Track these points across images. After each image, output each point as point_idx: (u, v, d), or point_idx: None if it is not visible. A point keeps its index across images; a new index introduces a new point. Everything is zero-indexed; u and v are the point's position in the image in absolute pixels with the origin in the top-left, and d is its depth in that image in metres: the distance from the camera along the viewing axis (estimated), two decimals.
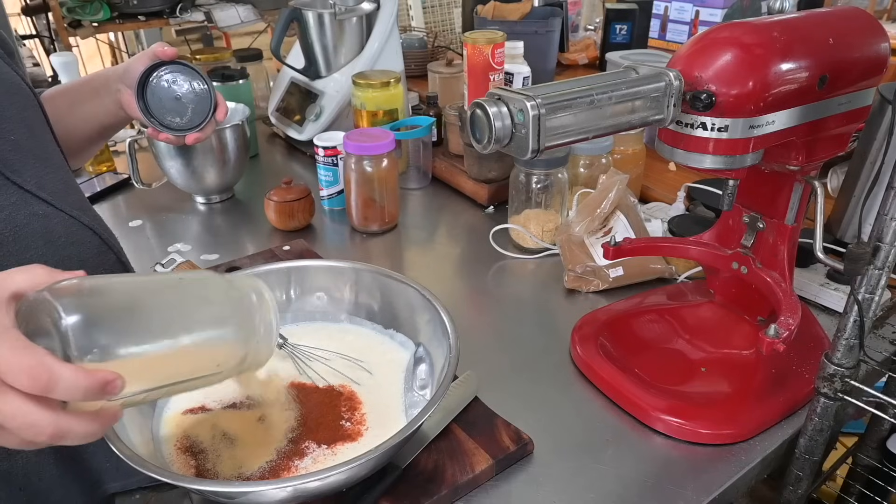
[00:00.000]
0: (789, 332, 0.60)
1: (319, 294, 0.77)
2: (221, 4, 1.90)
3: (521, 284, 0.95)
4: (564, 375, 0.76)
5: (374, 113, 1.19)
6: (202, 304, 0.50)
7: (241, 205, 1.22)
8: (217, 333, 0.50)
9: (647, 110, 0.56)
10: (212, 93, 0.86)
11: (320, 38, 1.30)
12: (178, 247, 1.06)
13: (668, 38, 1.69)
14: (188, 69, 0.85)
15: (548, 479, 0.62)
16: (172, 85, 0.85)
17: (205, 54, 1.54)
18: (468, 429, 0.65)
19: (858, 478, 1.08)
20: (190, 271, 0.85)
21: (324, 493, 0.54)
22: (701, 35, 0.58)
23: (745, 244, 0.74)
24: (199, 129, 0.87)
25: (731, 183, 0.67)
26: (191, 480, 0.55)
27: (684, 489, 0.61)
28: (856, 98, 0.63)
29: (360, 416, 0.64)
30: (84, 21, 1.74)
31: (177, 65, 0.84)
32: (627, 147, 1.07)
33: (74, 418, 0.41)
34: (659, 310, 0.83)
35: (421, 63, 1.67)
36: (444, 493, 0.58)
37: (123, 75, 0.83)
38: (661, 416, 0.67)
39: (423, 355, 0.69)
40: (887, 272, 0.54)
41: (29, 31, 2.36)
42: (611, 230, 0.93)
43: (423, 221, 1.14)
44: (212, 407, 0.65)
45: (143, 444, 0.58)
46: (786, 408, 0.69)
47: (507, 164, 1.08)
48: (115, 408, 0.44)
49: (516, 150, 0.52)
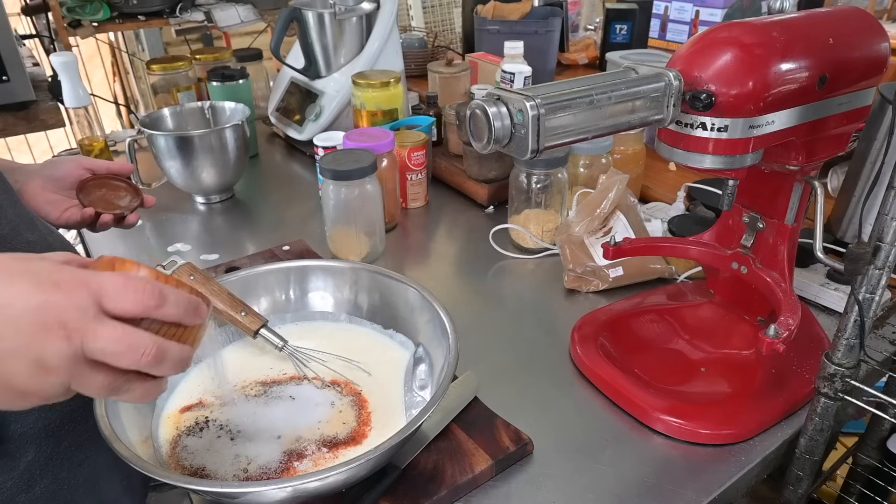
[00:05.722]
0: (789, 333, 0.60)
1: (319, 294, 0.77)
2: (221, 4, 1.90)
3: (520, 284, 0.95)
4: (564, 375, 0.76)
5: (373, 113, 1.19)
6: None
7: (241, 205, 1.22)
8: None
9: (646, 110, 0.56)
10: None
11: (320, 37, 1.30)
12: (177, 247, 1.06)
13: (668, 38, 1.69)
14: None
15: (547, 480, 0.62)
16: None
17: (205, 54, 1.54)
18: (468, 429, 0.65)
19: (859, 478, 1.08)
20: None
21: (323, 494, 0.54)
22: (701, 35, 0.58)
23: (745, 244, 0.74)
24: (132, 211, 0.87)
25: (731, 183, 0.67)
26: (191, 480, 0.55)
27: (684, 489, 0.61)
28: (856, 98, 0.63)
29: (367, 416, 0.64)
30: (84, 21, 1.74)
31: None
32: (627, 147, 1.07)
33: (168, 340, 0.41)
34: (659, 310, 0.83)
35: (421, 63, 1.67)
36: (443, 494, 0.58)
37: (42, 170, 0.80)
38: (660, 417, 0.67)
39: (422, 355, 0.69)
40: (887, 272, 0.54)
41: (29, 30, 2.35)
42: (611, 230, 0.93)
43: (423, 221, 1.14)
44: (209, 403, 0.65)
45: (143, 444, 0.58)
46: (786, 408, 0.69)
47: (507, 164, 1.08)
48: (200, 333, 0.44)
49: (516, 150, 0.52)
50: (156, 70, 1.43)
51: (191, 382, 0.69)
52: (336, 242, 0.98)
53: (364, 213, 0.95)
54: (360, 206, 0.95)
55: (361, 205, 0.95)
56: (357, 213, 0.95)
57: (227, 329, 0.73)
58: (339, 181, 0.92)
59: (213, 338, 0.73)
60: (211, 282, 0.69)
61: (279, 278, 0.76)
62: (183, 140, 1.11)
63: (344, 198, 0.94)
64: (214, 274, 0.74)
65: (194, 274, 0.69)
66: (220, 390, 0.67)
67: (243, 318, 0.68)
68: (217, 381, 0.67)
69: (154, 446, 0.60)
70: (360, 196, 0.94)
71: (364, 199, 0.94)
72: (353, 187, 0.93)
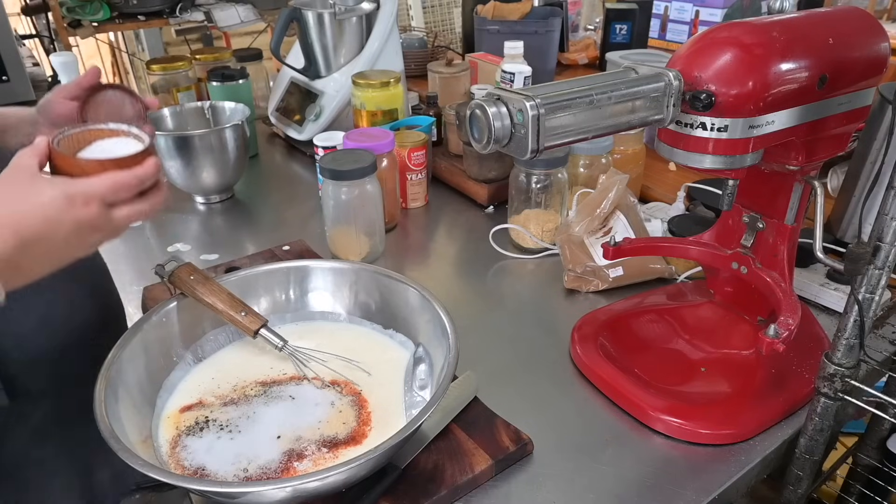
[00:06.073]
0: (789, 332, 0.60)
1: (319, 294, 0.77)
2: (221, 4, 1.90)
3: (520, 284, 0.95)
4: (564, 375, 0.76)
5: (373, 113, 1.19)
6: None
7: (241, 205, 1.22)
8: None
9: (646, 110, 0.56)
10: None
11: (320, 38, 1.30)
12: (177, 247, 1.06)
13: (668, 38, 1.69)
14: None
15: (547, 480, 0.62)
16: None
17: (205, 54, 1.54)
18: (468, 429, 0.65)
19: (859, 478, 1.08)
20: None
21: (323, 494, 0.54)
22: (701, 35, 0.58)
23: (745, 244, 0.74)
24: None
25: (731, 183, 0.67)
26: (191, 480, 0.55)
27: (684, 489, 0.61)
28: (856, 98, 0.63)
29: (367, 416, 0.64)
30: (84, 21, 1.74)
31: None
32: (627, 147, 1.07)
33: (149, 196, 0.58)
34: (659, 310, 0.83)
35: (421, 63, 1.67)
36: (443, 494, 0.58)
37: (40, 111, 0.75)
38: (660, 416, 0.67)
39: (422, 355, 0.69)
40: (887, 272, 0.54)
41: (29, 30, 2.36)
42: (611, 230, 0.93)
43: (423, 221, 1.14)
44: (209, 402, 0.65)
45: (143, 443, 0.58)
46: (786, 408, 0.69)
47: (507, 164, 1.08)
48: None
49: (516, 150, 0.52)
50: (156, 70, 1.43)
51: (191, 382, 0.69)
52: (336, 242, 0.98)
53: (364, 213, 0.95)
54: (359, 206, 0.95)
55: (361, 205, 0.95)
56: (357, 213, 0.95)
57: (228, 329, 0.73)
58: (339, 181, 0.92)
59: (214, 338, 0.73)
60: (211, 282, 0.69)
61: (279, 278, 0.76)
62: (183, 140, 1.11)
63: (344, 198, 0.94)
64: (214, 274, 0.73)
65: (194, 274, 0.69)
66: (220, 389, 0.67)
67: (243, 318, 0.68)
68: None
69: (154, 446, 0.60)
70: (360, 196, 0.94)
71: (364, 199, 0.94)
72: (353, 187, 0.93)
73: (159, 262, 0.70)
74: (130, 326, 0.66)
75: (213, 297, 0.68)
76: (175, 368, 0.69)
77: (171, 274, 0.69)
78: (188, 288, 0.68)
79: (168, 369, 0.68)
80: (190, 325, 0.71)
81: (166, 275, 0.69)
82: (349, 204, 0.94)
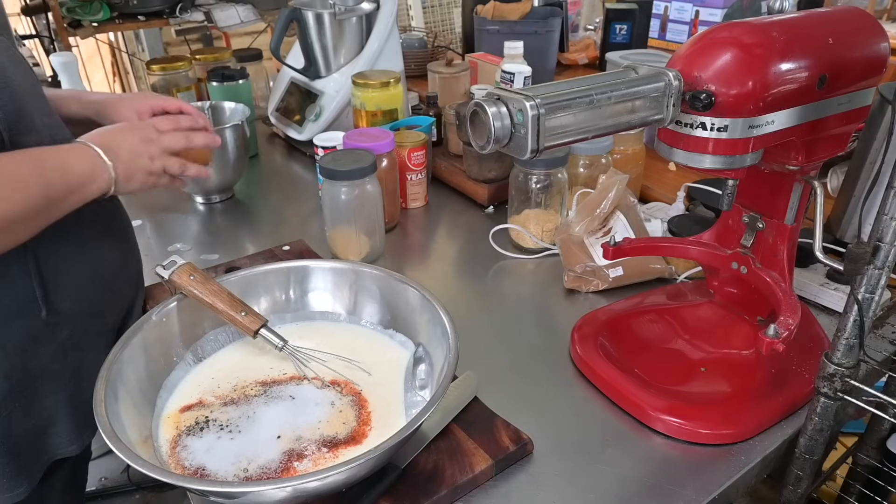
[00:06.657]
0: (789, 332, 0.60)
1: (319, 294, 0.77)
2: (221, 4, 1.90)
3: (520, 284, 0.95)
4: (564, 375, 0.76)
5: (373, 113, 1.19)
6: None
7: (241, 205, 1.22)
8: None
9: (646, 110, 0.56)
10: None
11: (320, 38, 1.30)
12: (177, 247, 1.06)
13: (667, 38, 1.69)
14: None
15: (547, 479, 0.62)
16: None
17: (205, 54, 1.54)
18: (468, 429, 0.65)
19: (858, 478, 1.08)
20: None
21: (323, 493, 0.54)
22: (700, 35, 0.58)
23: (745, 244, 0.74)
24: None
25: (731, 183, 0.67)
26: (191, 480, 0.56)
27: (684, 489, 0.61)
28: (855, 98, 0.63)
29: (367, 416, 0.64)
30: (84, 21, 1.74)
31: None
32: (627, 147, 1.07)
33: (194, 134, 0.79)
34: (659, 310, 0.83)
35: (421, 63, 1.67)
36: (443, 493, 0.58)
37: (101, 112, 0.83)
38: (660, 416, 0.67)
39: (422, 355, 0.69)
40: (887, 272, 0.54)
41: (29, 31, 2.36)
42: (610, 230, 0.93)
43: (423, 221, 1.14)
44: (209, 402, 0.65)
45: (143, 443, 0.58)
46: (786, 408, 0.69)
47: (507, 164, 1.08)
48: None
49: (516, 150, 0.52)
50: (156, 70, 1.43)
51: (191, 382, 0.69)
52: (336, 242, 0.98)
53: (364, 213, 0.95)
54: (359, 207, 0.95)
55: (361, 205, 0.95)
56: (357, 213, 0.95)
57: (228, 329, 0.73)
58: (339, 181, 0.92)
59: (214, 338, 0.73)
60: (211, 282, 0.69)
61: (279, 278, 0.76)
62: None
63: (344, 198, 0.94)
64: (214, 274, 0.74)
65: (194, 274, 0.69)
66: (220, 389, 0.67)
67: (243, 318, 0.68)
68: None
69: (154, 446, 0.60)
70: (360, 196, 0.94)
71: (364, 199, 0.94)
72: (353, 187, 0.93)
73: (159, 263, 0.70)
74: (131, 326, 0.66)
75: (213, 297, 0.68)
76: (175, 368, 0.69)
77: (171, 274, 0.69)
78: (188, 288, 0.69)
79: (168, 369, 0.68)
80: (190, 325, 0.71)
81: (166, 275, 0.69)
82: (349, 204, 0.94)
